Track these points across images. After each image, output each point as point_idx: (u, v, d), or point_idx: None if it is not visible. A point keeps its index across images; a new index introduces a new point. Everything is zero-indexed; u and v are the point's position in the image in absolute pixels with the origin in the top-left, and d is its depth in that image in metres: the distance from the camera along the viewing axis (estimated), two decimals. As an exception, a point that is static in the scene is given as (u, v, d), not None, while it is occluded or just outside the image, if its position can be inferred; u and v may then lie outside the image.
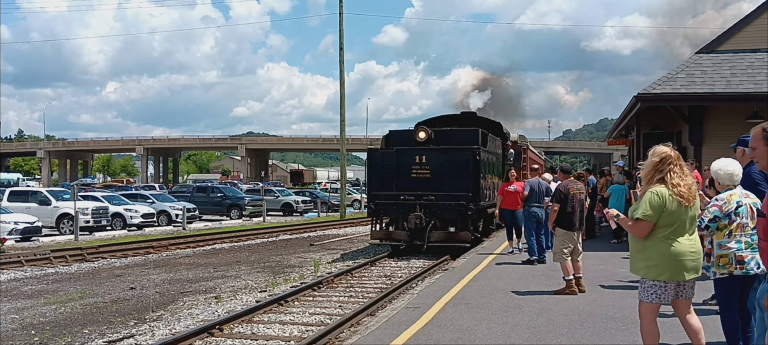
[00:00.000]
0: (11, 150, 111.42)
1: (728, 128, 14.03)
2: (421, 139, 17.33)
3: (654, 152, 4.98)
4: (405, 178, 17.03)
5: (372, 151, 18.45)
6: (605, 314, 8.12)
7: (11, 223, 24.47)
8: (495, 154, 19.48)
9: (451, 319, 7.84)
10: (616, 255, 13.99)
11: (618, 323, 7.67)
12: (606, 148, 67.12)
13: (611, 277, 10.91)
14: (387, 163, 17.43)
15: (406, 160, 17.10)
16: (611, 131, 29.07)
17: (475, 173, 16.63)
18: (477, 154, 16.66)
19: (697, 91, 15.32)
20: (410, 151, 17.18)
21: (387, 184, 17.29)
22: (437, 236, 16.55)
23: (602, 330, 7.36)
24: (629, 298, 9.14)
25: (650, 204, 4.81)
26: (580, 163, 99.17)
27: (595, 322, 7.71)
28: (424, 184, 16.81)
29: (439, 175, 16.80)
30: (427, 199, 16.64)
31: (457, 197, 16.47)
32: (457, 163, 16.71)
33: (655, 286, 4.89)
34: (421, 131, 17.48)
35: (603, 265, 12.42)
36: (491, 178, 18.59)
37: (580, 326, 7.46)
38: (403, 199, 16.90)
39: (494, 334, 7.15)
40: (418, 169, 16.92)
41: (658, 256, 4.84)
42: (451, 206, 16.53)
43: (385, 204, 17.33)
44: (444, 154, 16.99)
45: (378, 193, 17.49)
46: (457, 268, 12.01)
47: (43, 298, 12.83)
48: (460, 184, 16.49)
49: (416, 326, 7.41)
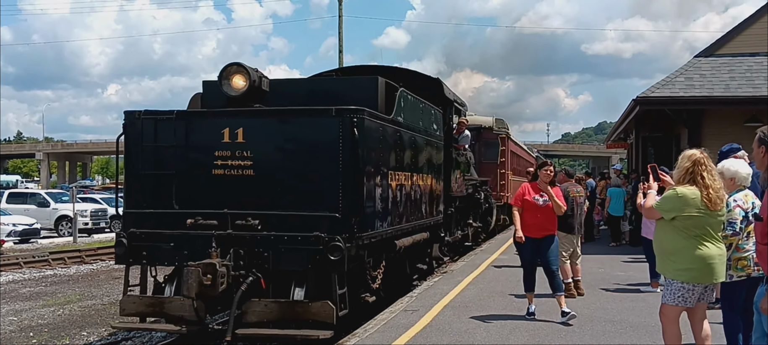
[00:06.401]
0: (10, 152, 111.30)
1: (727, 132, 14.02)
2: (235, 89, 7.94)
3: (684, 156, 5.08)
4: (199, 178, 7.84)
5: (131, 119, 8.19)
6: (604, 317, 8.12)
7: (10, 225, 24.47)
8: (425, 134, 10.45)
9: (449, 322, 7.84)
10: (615, 258, 14.01)
11: (616, 326, 7.68)
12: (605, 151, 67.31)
13: (610, 281, 10.91)
14: (162, 146, 7.97)
15: (203, 137, 7.89)
16: (610, 134, 29.08)
17: (355, 168, 7.39)
18: (360, 126, 7.44)
19: (696, 94, 15.31)
20: (211, 120, 7.96)
21: (159, 190, 7.95)
22: (262, 314, 7.30)
23: (600, 333, 7.37)
24: (628, 302, 9.15)
25: (666, 198, 5.02)
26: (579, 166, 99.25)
27: (594, 325, 7.72)
28: (238, 192, 7.64)
29: (274, 171, 7.65)
30: (243, 223, 7.48)
31: (309, 222, 7.32)
32: (314, 146, 7.56)
33: (682, 288, 4.98)
34: (235, 74, 7.96)
35: (602, 268, 12.42)
36: (417, 178, 9.85)
37: (578, 329, 7.46)
38: (192, 225, 7.61)
39: (493, 337, 7.15)
40: (228, 157, 7.69)
41: (690, 259, 4.93)
42: (297, 242, 7.31)
43: (151, 236, 7.80)
44: (285, 126, 7.72)
45: (138, 212, 8.02)
46: (455, 271, 12.00)
47: (41, 300, 12.83)
48: (320, 192, 7.47)
49: (414, 329, 7.40)
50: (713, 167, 5.07)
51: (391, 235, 8.67)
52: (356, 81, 9.79)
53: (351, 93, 8.45)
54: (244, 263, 7.42)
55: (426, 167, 10.45)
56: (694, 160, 4.99)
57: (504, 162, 20.86)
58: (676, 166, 5.11)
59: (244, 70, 7.91)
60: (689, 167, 4.98)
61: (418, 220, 9.93)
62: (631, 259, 13.49)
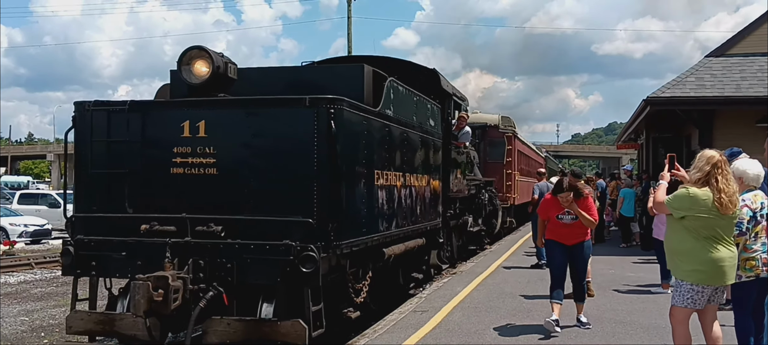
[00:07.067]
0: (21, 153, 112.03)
1: (738, 132, 13.96)
2: (197, 76, 6.95)
3: (702, 156, 5.05)
4: (156, 177, 6.92)
5: (81, 110, 7.17)
6: (614, 318, 8.10)
7: (21, 225, 24.61)
8: (420, 130, 9.53)
9: (459, 322, 7.83)
10: (625, 259, 13.95)
11: (626, 327, 7.65)
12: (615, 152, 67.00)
13: (620, 281, 10.87)
14: (114, 142, 7.02)
15: (160, 131, 6.97)
16: (620, 135, 28.96)
17: (333, 166, 6.48)
18: (339, 118, 6.51)
19: (707, 94, 15.23)
20: (169, 112, 7.10)
21: (111, 192, 7.03)
22: (224, 334, 6.34)
23: (611, 334, 7.35)
24: (638, 303, 9.11)
25: (677, 196, 5.00)
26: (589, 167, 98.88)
27: (604, 326, 7.69)
28: (199, 194, 6.75)
29: (239, 170, 6.70)
30: (204, 230, 6.56)
31: (279, 229, 6.39)
32: (285, 141, 6.62)
33: (692, 290, 4.96)
34: (197, 59, 6.97)
35: (612, 269, 12.38)
36: (410, 179, 8.87)
37: (588, 330, 7.44)
38: (147, 232, 6.68)
39: (503, 338, 7.15)
40: (188, 154, 6.77)
41: (700, 261, 4.91)
42: (265, 251, 6.35)
43: (101, 244, 6.83)
44: (252, 118, 6.72)
45: (86, 217, 7.11)
46: (465, 272, 11.99)
47: (52, 301, 12.90)
48: (292, 195, 6.52)
49: (424, 330, 7.40)
50: (730, 171, 5.03)
51: (379, 242, 7.71)
52: (339, 69, 8.87)
53: (333, 83, 7.42)
54: (204, 275, 6.40)
55: (421, 166, 9.48)
56: (711, 162, 4.95)
57: (510, 162, 19.99)
58: (693, 165, 5.08)
59: (206, 55, 6.92)
60: (705, 168, 4.94)
61: (411, 225, 9.00)
62: (642, 261, 13.44)
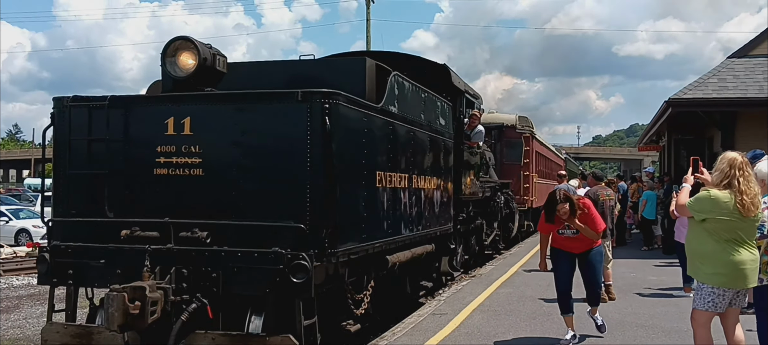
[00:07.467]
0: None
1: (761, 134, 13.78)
2: (182, 68, 6.48)
3: (723, 158, 5.02)
4: (138, 179, 6.44)
5: (60, 106, 6.76)
6: (635, 322, 8.03)
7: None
8: (429, 128, 8.90)
9: (478, 326, 7.81)
10: (647, 262, 13.84)
11: (648, 331, 7.59)
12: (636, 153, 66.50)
13: (641, 285, 10.79)
14: (94, 140, 6.59)
15: (143, 129, 6.47)
16: (642, 137, 28.72)
17: (327, 167, 5.90)
18: (334, 113, 5.96)
19: (730, 96, 15.08)
20: (152, 108, 6.56)
21: (91, 194, 6.58)
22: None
23: (632, 338, 7.29)
24: (660, 306, 9.03)
25: (698, 198, 4.97)
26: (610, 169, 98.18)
27: (625, 330, 7.63)
28: (184, 197, 6.23)
29: (227, 171, 6.18)
30: (188, 236, 6.04)
31: (269, 235, 5.86)
32: (276, 139, 6.12)
33: (713, 293, 4.92)
34: (182, 51, 6.48)
35: (633, 272, 12.28)
36: (417, 181, 8.29)
37: (609, 334, 7.37)
38: (128, 238, 6.17)
39: (523, 341, 7.12)
40: (173, 153, 6.26)
41: (720, 264, 4.87)
42: (253, 259, 5.79)
43: (78, 250, 6.33)
44: (241, 115, 6.18)
45: (64, 222, 6.74)
46: (484, 275, 11.95)
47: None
48: (282, 198, 6.02)
49: (443, 333, 7.39)
50: (752, 173, 4.98)
51: (381, 248, 7.17)
52: (339, 63, 8.34)
53: (333, 78, 6.82)
54: (188, 286, 5.86)
55: (430, 167, 8.85)
56: (732, 163, 4.91)
57: (528, 163, 19.33)
58: (715, 167, 5.05)
59: (192, 46, 6.38)
60: (727, 170, 4.90)
61: (419, 230, 8.39)
62: (664, 264, 13.32)
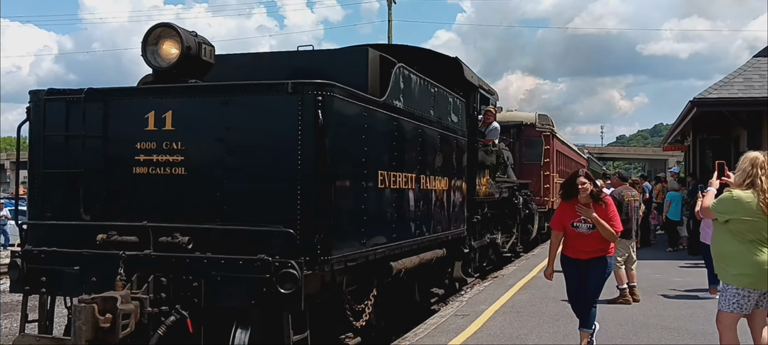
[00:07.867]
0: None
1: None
2: (164, 58, 5.93)
3: (745, 158, 4.99)
4: (116, 178, 5.92)
5: (35, 100, 6.21)
6: (660, 324, 7.95)
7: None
8: (439, 125, 8.41)
9: (501, 327, 7.78)
10: (672, 264, 13.69)
11: (673, 333, 7.51)
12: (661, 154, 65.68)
13: (666, 286, 10.68)
14: (70, 136, 6.05)
15: (122, 124, 5.94)
16: (666, 137, 28.43)
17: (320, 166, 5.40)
18: (328, 107, 5.46)
19: (756, 95, 14.87)
20: (131, 101, 6.05)
21: (67, 195, 6.03)
22: None
23: (656, 340, 7.22)
24: (685, 308, 8.94)
25: (721, 200, 4.96)
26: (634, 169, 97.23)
27: (650, 332, 7.56)
28: (165, 198, 5.74)
29: (211, 170, 5.67)
30: (168, 241, 5.53)
31: (256, 240, 5.36)
32: (264, 135, 5.64)
33: (738, 295, 4.87)
34: (164, 39, 5.91)
35: (658, 273, 12.16)
36: (426, 181, 7.82)
37: (634, 336, 7.32)
38: (104, 243, 5.67)
39: (545, 343, 7.08)
40: (153, 151, 5.76)
41: (745, 265, 4.82)
42: (238, 267, 5.31)
43: (52, 256, 5.80)
44: (227, 108, 5.63)
45: (37, 225, 6.19)
46: (506, 276, 11.91)
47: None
48: (270, 199, 5.51)
49: (466, 334, 7.37)
50: None
51: (384, 254, 6.64)
52: (339, 55, 7.72)
53: (334, 70, 6.21)
54: (167, 296, 5.36)
55: (440, 167, 8.32)
56: (754, 163, 4.88)
57: (548, 163, 18.76)
58: (737, 167, 5.01)
59: (175, 33, 5.82)
60: (749, 170, 4.87)
61: (428, 233, 7.87)
62: (689, 265, 13.17)
